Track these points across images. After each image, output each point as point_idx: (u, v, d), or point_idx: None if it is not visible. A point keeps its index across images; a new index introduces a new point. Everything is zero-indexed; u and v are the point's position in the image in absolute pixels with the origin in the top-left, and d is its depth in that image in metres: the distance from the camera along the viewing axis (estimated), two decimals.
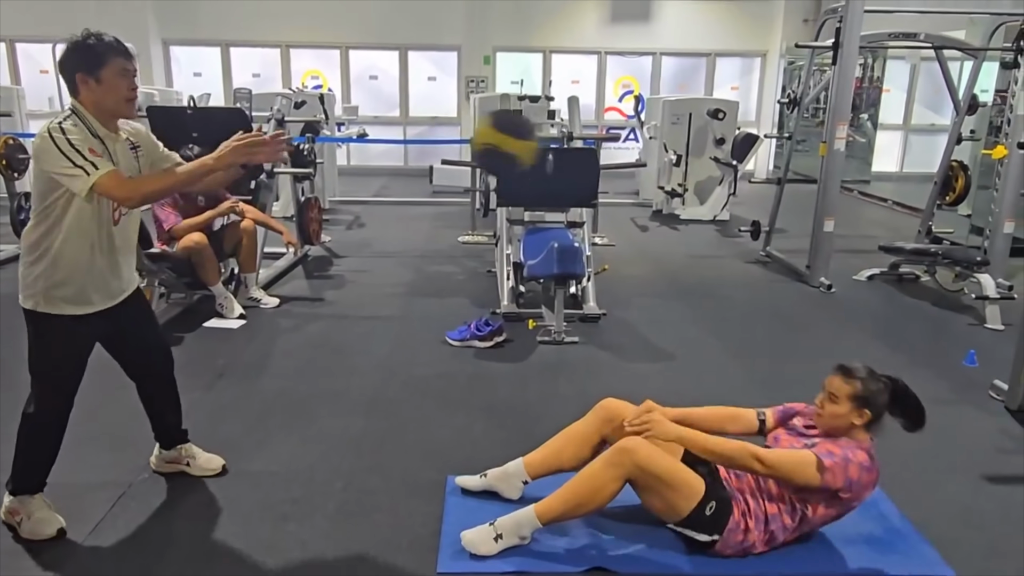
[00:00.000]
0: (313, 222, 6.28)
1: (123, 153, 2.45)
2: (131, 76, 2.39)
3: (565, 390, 3.85)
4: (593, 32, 12.30)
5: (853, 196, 11.09)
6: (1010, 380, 3.71)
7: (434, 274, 6.10)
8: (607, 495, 2.37)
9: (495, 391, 3.82)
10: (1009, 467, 3.17)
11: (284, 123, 5.94)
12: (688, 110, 8.88)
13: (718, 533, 2.37)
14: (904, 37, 6.03)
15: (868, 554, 2.53)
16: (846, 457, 2.29)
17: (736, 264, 6.77)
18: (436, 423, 3.43)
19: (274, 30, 11.75)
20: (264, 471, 2.94)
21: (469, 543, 2.43)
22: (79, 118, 2.32)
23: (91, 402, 2.83)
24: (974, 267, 5.23)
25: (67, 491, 2.62)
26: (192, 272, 4.62)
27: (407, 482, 2.89)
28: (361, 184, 10.60)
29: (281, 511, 2.67)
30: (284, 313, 4.97)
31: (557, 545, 2.49)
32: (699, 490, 2.35)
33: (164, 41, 11.72)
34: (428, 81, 12.40)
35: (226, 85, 11.70)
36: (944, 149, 6.46)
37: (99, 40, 2.32)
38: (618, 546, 2.51)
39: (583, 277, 4.86)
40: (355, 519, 2.64)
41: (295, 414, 3.47)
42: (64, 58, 2.32)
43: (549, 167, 4.83)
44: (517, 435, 3.22)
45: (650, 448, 2.36)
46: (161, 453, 2.86)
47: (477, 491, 2.77)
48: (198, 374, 3.89)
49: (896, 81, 12.30)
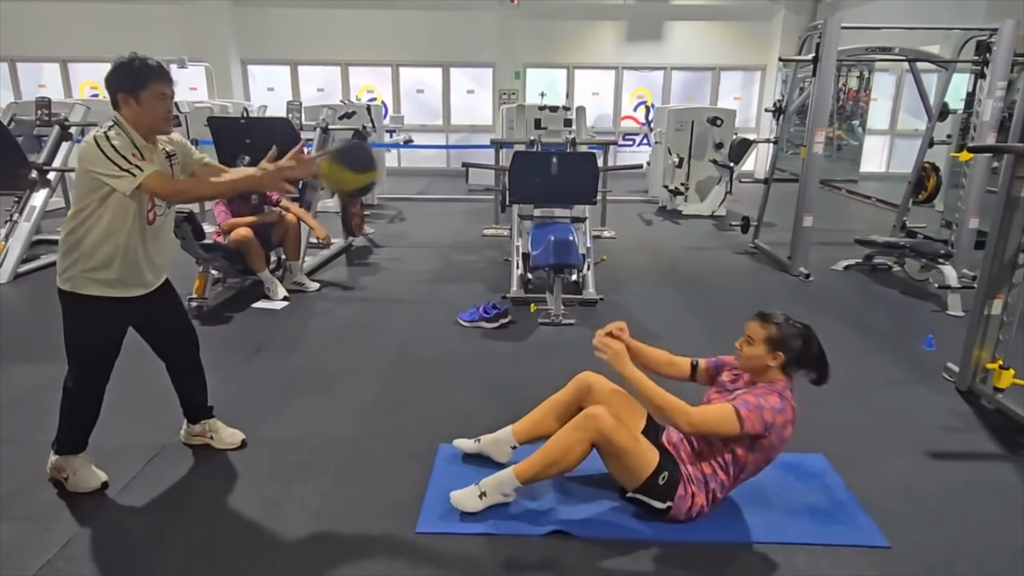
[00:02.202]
0: (355, 216, 6.24)
1: (159, 163, 2.39)
2: (168, 99, 2.32)
3: (556, 367, 3.71)
4: (611, 50, 12.02)
5: (841, 194, 10.68)
6: (960, 363, 3.47)
7: (458, 262, 6.01)
8: (576, 456, 2.30)
9: (495, 367, 3.72)
10: (952, 444, 2.97)
11: (328, 131, 5.88)
12: (690, 118, 8.62)
13: (670, 500, 2.29)
14: (880, 51, 5.68)
15: (810, 525, 2.37)
16: (759, 404, 2.18)
17: (727, 255, 6.53)
18: (438, 395, 3.35)
19: (335, 50, 11.75)
20: (279, 437, 2.89)
21: (457, 501, 2.36)
22: (121, 130, 2.27)
23: (133, 375, 2.82)
24: (938, 259, 4.94)
25: (106, 452, 2.60)
26: (242, 260, 4.61)
27: (404, 449, 2.81)
28: (408, 183, 10.55)
29: (289, 473, 2.62)
30: (323, 296, 4.93)
31: (528, 509, 2.39)
32: (653, 460, 2.29)
33: (243, 61, 11.80)
34: (467, 94, 12.28)
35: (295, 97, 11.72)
36: (918, 152, 6.11)
37: (143, 64, 2.26)
38: (583, 512, 2.41)
39: (578, 267, 4.71)
40: (352, 482, 2.57)
41: (315, 386, 3.41)
42: (109, 76, 2.27)
43: (554, 169, 4.70)
44: (509, 406, 3.10)
45: (614, 419, 2.29)
46: (188, 427, 2.81)
47: (470, 454, 2.70)
48: (239, 349, 3.87)
49: (883, 91, 11.76)
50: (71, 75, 11.79)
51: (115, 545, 2.21)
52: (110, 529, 2.28)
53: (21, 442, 2.80)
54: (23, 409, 3.12)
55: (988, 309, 3.32)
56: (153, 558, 2.15)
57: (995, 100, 5.09)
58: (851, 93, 12.05)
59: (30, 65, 11.86)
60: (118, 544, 2.22)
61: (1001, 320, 3.30)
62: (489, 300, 4.47)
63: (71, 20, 11.15)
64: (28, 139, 5.89)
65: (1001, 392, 3.24)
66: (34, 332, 4.14)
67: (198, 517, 2.36)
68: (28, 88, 11.75)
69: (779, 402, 2.21)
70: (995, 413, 3.24)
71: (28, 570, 2.07)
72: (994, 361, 3.30)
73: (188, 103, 8.26)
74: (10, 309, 4.67)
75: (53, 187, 5.91)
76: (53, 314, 2.40)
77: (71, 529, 2.26)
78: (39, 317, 4.41)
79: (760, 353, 2.27)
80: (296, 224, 4.92)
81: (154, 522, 2.33)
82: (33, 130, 6.11)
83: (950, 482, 2.65)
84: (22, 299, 4.88)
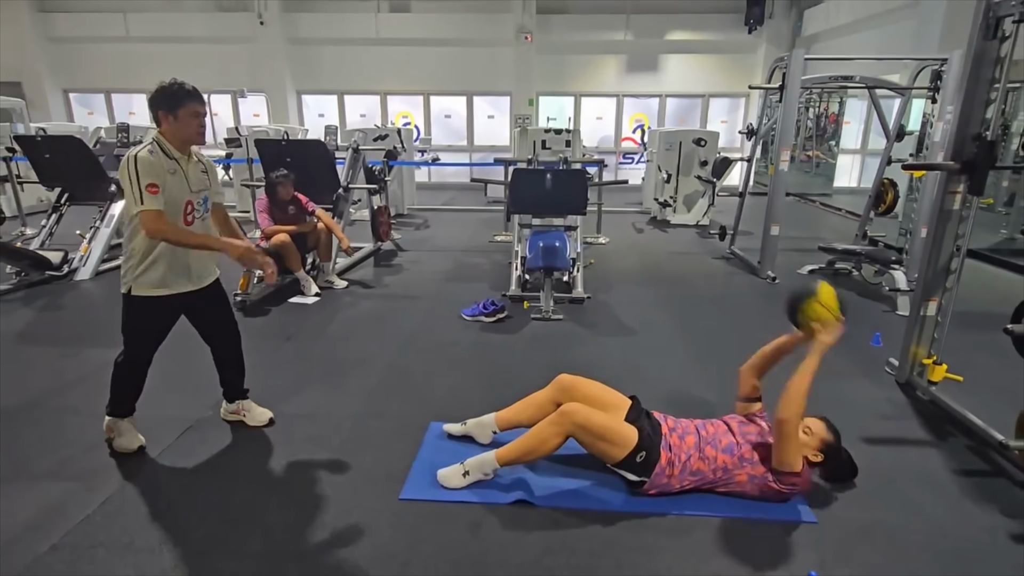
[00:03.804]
0: (383, 224, 6.26)
1: (194, 172, 2.43)
2: (201, 117, 2.35)
3: (543, 357, 3.68)
4: (613, 79, 11.91)
5: (815, 206, 10.41)
6: (900, 358, 3.36)
7: (468, 264, 6.00)
8: (550, 447, 2.29)
9: (489, 356, 3.70)
10: (886, 431, 2.87)
11: (359, 151, 5.91)
12: (679, 139, 8.47)
13: (646, 476, 2.25)
14: (843, 79, 5.51)
15: (749, 501, 2.30)
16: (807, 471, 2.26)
17: (705, 259, 6.41)
18: (435, 380, 3.33)
19: (375, 82, 11.83)
20: (295, 414, 2.90)
21: (443, 478, 2.35)
22: (159, 144, 2.30)
23: (179, 358, 2.86)
24: (890, 265, 4.78)
25: (149, 422, 2.65)
26: (281, 262, 4.66)
27: (399, 425, 2.80)
28: (435, 196, 10.57)
29: (298, 445, 2.63)
30: (350, 293, 4.96)
31: (498, 481, 2.37)
32: (632, 441, 2.24)
33: (297, 91, 11.93)
34: (488, 119, 12.26)
35: (341, 122, 11.84)
36: (877, 169, 5.93)
37: (180, 87, 2.30)
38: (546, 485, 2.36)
39: (566, 269, 4.67)
40: (350, 454, 2.57)
41: (331, 370, 3.43)
42: (152, 97, 2.31)
43: (548, 183, 4.66)
44: (498, 390, 3.10)
45: (587, 410, 2.27)
46: (226, 405, 2.83)
47: (457, 436, 2.68)
48: (273, 337, 3.91)
49: (855, 115, 11.45)
50: None
51: (147, 503, 2.24)
52: (144, 489, 2.32)
53: (82, 413, 2.87)
54: (88, 385, 3.19)
55: (924, 310, 3.21)
56: (179, 515, 2.18)
57: (945, 123, 4.91)
58: (832, 116, 11.77)
59: (122, 96, 12.17)
60: (150, 502, 2.25)
61: (936, 320, 3.19)
62: (489, 297, 4.45)
63: (156, 57, 11.43)
64: (109, 158, 6.02)
65: (935, 385, 3.13)
66: (106, 320, 4.23)
67: (219, 481, 2.39)
68: (121, 115, 12.06)
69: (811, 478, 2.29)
70: (929, 404, 3.12)
71: (70, 523, 2.11)
72: (929, 357, 3.19)
73: (247, 127, 8.38)
74: (89, 301, 4.79)
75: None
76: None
77: (112, 488, 2.31)
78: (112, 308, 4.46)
79: (813, 445, 2.30)
80: (327, 232, 4.95)
81: (184, 484, 2.36)
82: (114, 151, 6.26)
83: (879, 465, 2.56)
84: (100, 293, 5.00)
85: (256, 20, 11.03)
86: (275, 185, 4.66)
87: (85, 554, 1.98)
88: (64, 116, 12.05)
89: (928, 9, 7.24)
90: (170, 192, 2.30)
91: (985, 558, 2.04)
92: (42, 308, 4.51)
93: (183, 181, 2.36)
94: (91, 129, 8.29)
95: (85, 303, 4.70)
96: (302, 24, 11.35)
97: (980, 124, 2.86)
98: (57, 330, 4.08)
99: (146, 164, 2.24)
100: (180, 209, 2.36)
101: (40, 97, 11.62)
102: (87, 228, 5.63)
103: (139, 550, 2.00)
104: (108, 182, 5.63)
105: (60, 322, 4.26)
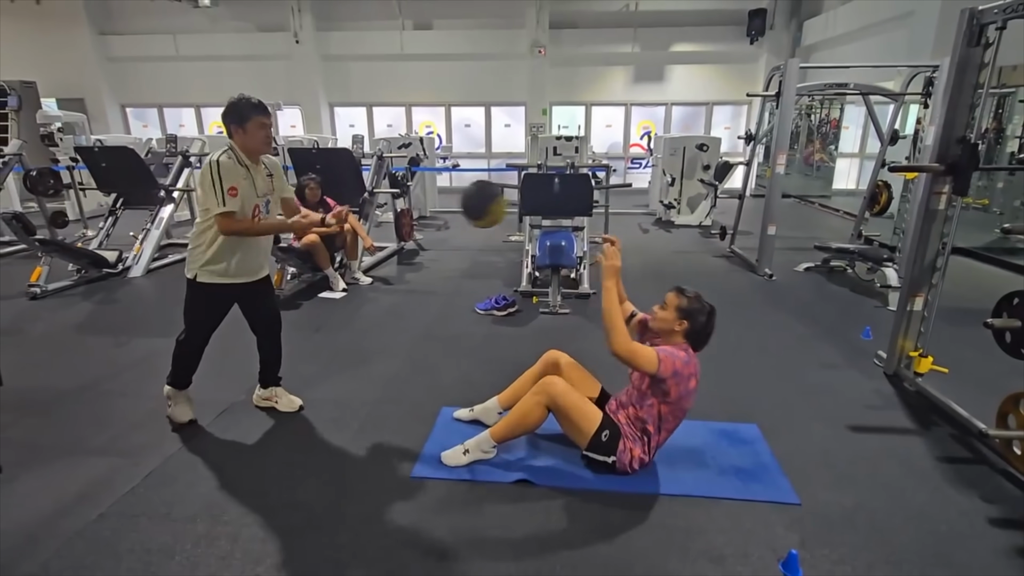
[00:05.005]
0: (406, 226, 6.29)
1: (261, 178, 2.49)
2: (267, 128, 2.42)
3: (549, 348, 3.65)
4: (621, 89, 11.78)
5: (815, 207, 10.20)
6: (888, 351, 3.29)
7: (483, 262, 6.00)
8: (535, 418, 2.30)
9: (498, 347, 3.71)
10: (872, 419, 2.81)
11: (383, 158, 5.95)
12: (683, 145, 8.37)
13: (614, 455, 2.25)
14: (838, 86, 5.39)
15: (735, 483, 2.29)
16: (672, 353, 2.17)
17: (706, 258, 6.33)
18: (447, 368, 3.36)
19: (401, 95, 11.87)
20: (320, 398, 2.94)
21: (445, 458, 2.38)
22: (232, 152, 2.38)
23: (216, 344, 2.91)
24: (882, 263, 4.67)
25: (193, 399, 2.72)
26: (311, 260, 4.72)
27: (413, 410, 2.83)
28: (455, 199, 10.54)
29: (322, 427, 2.67)
30: (374, 289, 5.00)
31: (503, 461, 2.39)
32: (596, 419, 2.27)
33: (330, 104, 12.04)
34: (504, 127, 12.22)
35: (370, 132, 11.93)
36: (872, 171, 5.79)
37: (247, 102, 2.37)
38: (546, 465, 2.38)
39: (572, 267, 4.65)
40: (368, 436, 2.61)
41: (354, 359, 3.47)
42: (224, 112, 2.38)
43: (556, 187, 4.65)
44: (505, 378, 3.06)
45: (564, 385, 2.30)
46: (259, 391, 2.86)
47: (467, 421, 2.69)
48: (304, 329, 3.96)
49: (854, 120, 11.17)
50: (203, 117, 12.32)
51: (185, 478, 2.30)
52: (183, 465, 2.38)
53: (130, 395, 2.95)
54: (138, 371, 3.28)
55: (911, 305, 3.13)
56: (213, 489, 2.23)
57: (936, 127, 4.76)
58: (833, 122, 11.51)
59: (173, 109, 12.42)
60: (187, 477, 2.31)
61: (922, 315, 3.11)
62: (501, 293, 4.46)
63: (202, 74, 11.65)
64: (159, 166, 6.16)
65: (921, 376, 3.06)
66: (156, 313, 4.35)
67: (249, 458, 2.44)
68: (172, 127, 12.32)
69: (685, 356, 2.19)
70: (915, 394, 3.05)
71: (117, 494, 2.18)
72: (916, 350, 3.11)
73: (284, 137, 8.49)
74: (141, 296, 4.91)
75: (177, 203, 6.17)
76: (173, 300, 2.55)
77: (154, 464, 2.37)
78: (162, 302, 4.62)
79: (670, 318, 2.24)
80: (353, 232, 5.00)
81: (218, 461, 2.42)
82: (163, 159, 6.39)
83: (863, 451, 2.52)
84: (151, 288, 5.12)
85: (292, 39, 11.17)
86: (303, 188, 4.74)
87: (129, 522, 2.04)
88: (122, 129, 12.33)
89: (921, 19, 7.05)
90: (242, 196, 2.38)
91: (964, 541, 2.00)
92: (99, 302, 4.64)
93: (252, 187, 2.43)
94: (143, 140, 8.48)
95: (137, 298, 4.82)
96: (334, 42, 11.45)
97: (964, 127, 2.78)
98: (112, 321, 4.19)
99: (227, 168, 2.33)
100: (249, 212, 2.44)
101: (101, 112, 11.92)
102: (139, 230, 5.76)
103: (176, 519, 2.05)
104: (158, 188, 5.76)
105: (114, 314, 4.37)
